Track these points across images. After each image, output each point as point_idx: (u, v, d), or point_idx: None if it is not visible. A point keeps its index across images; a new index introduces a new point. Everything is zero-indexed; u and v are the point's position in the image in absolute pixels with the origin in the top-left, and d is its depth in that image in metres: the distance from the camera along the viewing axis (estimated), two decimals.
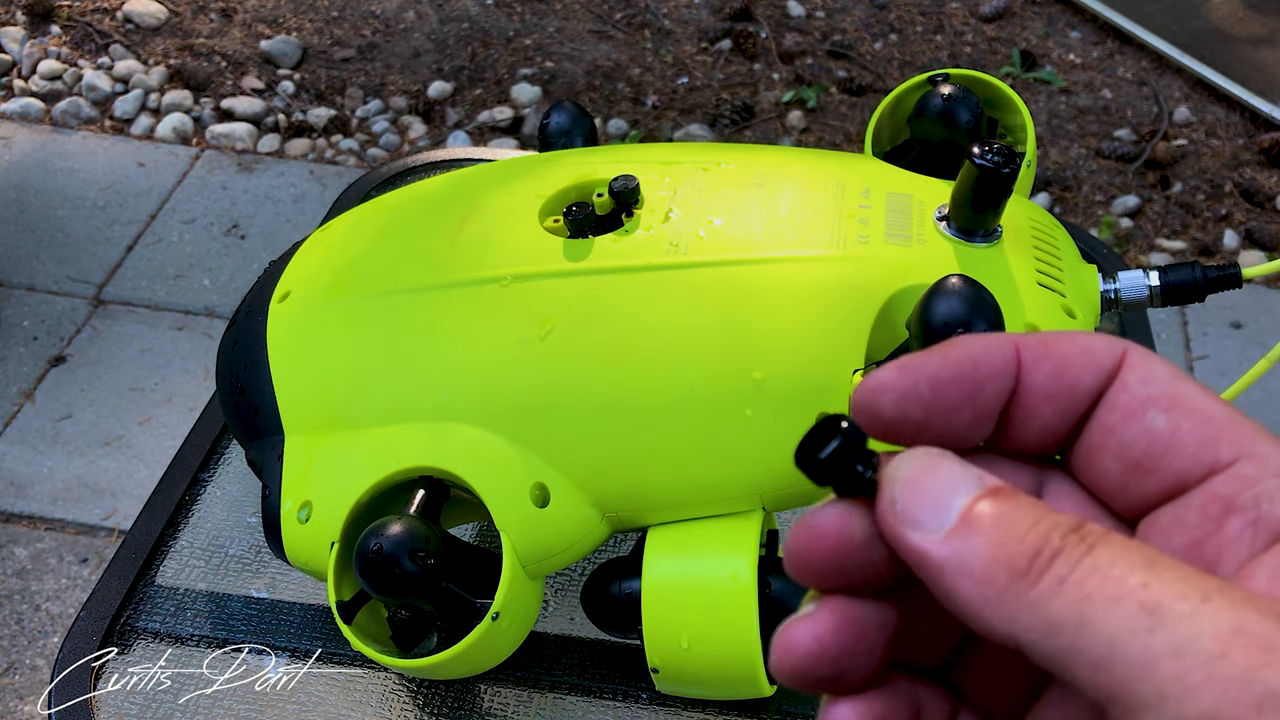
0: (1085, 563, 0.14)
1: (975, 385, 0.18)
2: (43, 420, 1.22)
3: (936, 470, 0.16)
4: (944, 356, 0.18)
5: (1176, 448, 0.17)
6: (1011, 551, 0.15)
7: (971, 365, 0.18)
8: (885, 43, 1.71)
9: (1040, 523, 0.15)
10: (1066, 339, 0.18)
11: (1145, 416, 0.17)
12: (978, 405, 0.18)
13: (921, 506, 0.16)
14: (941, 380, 0.17)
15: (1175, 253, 1.44)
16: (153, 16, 1.71)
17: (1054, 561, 0.14)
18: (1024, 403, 0.18)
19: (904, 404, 0.18)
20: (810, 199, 0.40)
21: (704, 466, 0.37)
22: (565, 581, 0.46)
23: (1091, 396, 0.18)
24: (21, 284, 1.36)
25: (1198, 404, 0.17)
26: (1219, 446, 0.16)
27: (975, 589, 0.15)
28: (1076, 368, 0.18)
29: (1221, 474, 0.16)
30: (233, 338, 0.44)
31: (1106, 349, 0.18)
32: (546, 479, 0.37)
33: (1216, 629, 0.13)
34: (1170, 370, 0.17)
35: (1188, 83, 1.65)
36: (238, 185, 1.49)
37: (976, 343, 0.18)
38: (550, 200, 0.42)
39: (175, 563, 0.47)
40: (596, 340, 0.38)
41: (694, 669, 0.37)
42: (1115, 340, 0.18)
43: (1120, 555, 0.14)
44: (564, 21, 1.74)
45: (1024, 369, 0.18)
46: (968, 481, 0.16)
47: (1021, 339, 0.18)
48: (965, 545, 0.15)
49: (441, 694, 0.43)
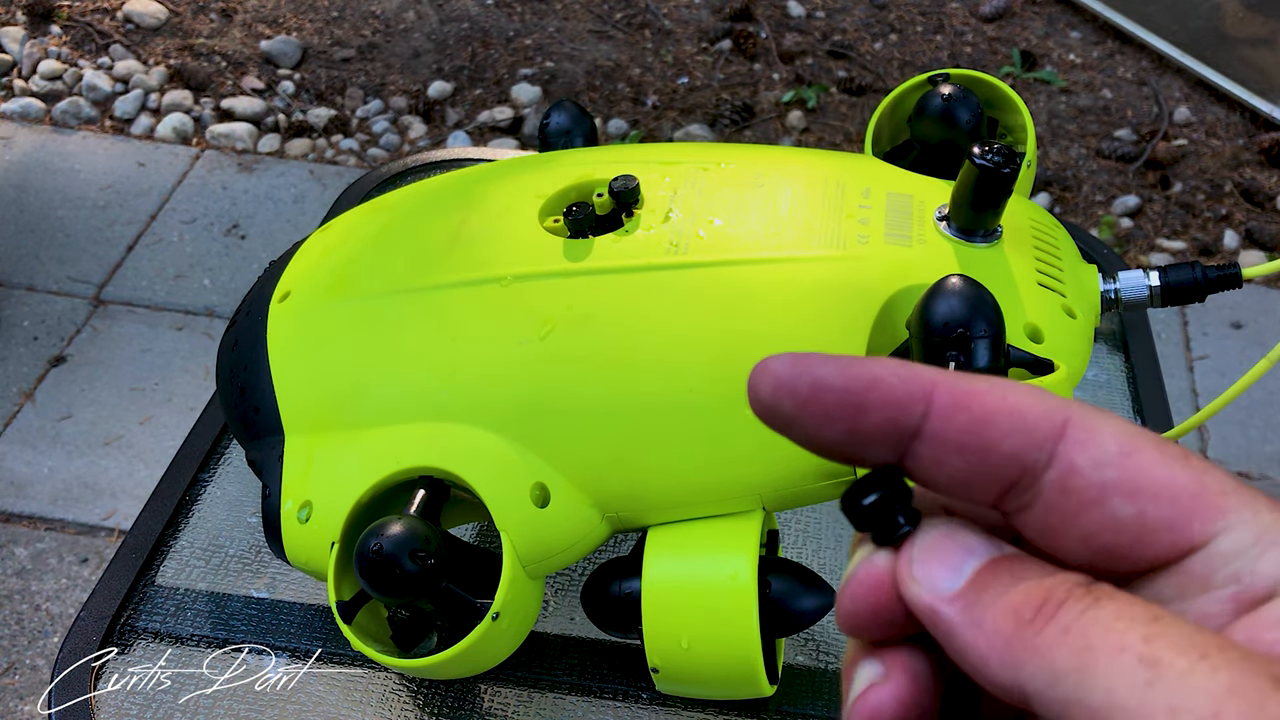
0: (1089, 614, 0.15)
1: (859, 405, 0.17)
2: (43, 420, 1.22)
3: (956, 536, 0.17)
4: (842, 367, 0.17)
5: (1146, 536, 0.16)
6: (1019, 602, 0.15)
7: (867, 386, 0.17)
8: (885, 43, 1.71)
9: (1050, 576, 0.16)
10: (998, 396, 0.17)
11: (1107, 505, 0.16)
12: (857, 428, 0.17)
13: (936, 568, 0.17)
14: (825, 386, 0.17)
15: (1175, 253, 1.44)
16: (153, 16, 1.72)
17: (1060, 611, 0.15)
18: (930, 446, 0.17)
19: (778, 393, 0.17)
20: (810, 199, 0.40)
21: (704, 467, 0.37)
22: (565, 581, 0.46)
23: (1015, 463, 0.17)
24: (22, 284, 1.36)
25: (1161, 481, 0.16)
26: (1191, 527, 0.16)
27: (983, 640, 0.15)
28: (999, 429, 0.17)
29: (1198, 553, 0.16)
30: (233, 338, 0.44)
31: (1042, 417, 0.16)
32: (547, 479, 0.37)
33: (1211, 687, 0.13)
34: (1121, 442, 0.16)
35: (1188, 83, 1.65)
36: (238, 185, 1.49)
37: (889, 367, 0.17)
38: (550, 200, 0.42)
39: (175, 563, 0.47)
40: (596, 340, 0.38)
41: (694, 669, 0.37)
42: (1056, 407, 0.17)
43: (1124, 609, 0.14)
44: (564, 21, 1.74)
45: (934, 413, 0.17)
46: (985, 548, 0.17)
47: (945, 381, 0.17)
48: (976, 600, 0.16)
49: (441, 694, 0.43)
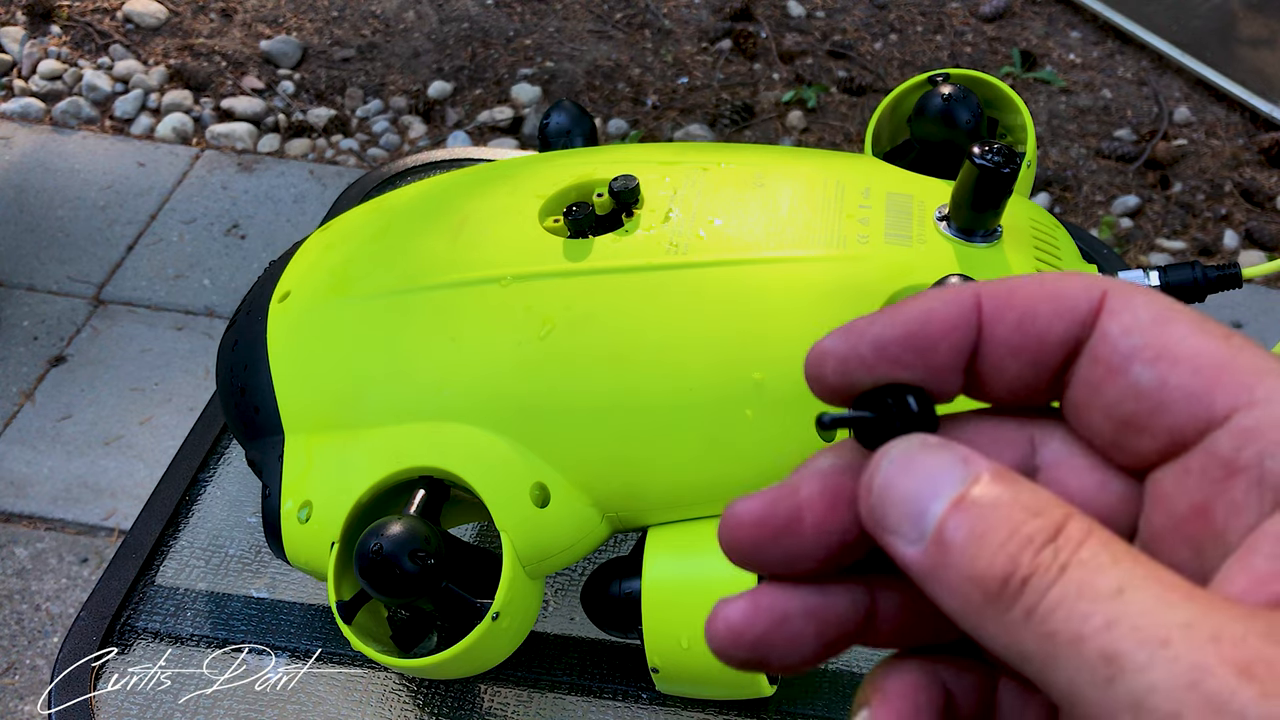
0: (1053, 593, 0.14)
1: (926, 344, 0.16)
2: (43, 420, 1.22)
3: (914, 467, 0.15)
4: (893, 316, 0.17)
5: (1166, 404, 0.15)
6: (983, 573, 0.14)
7: (922, 323, 0.16)
8: (885, 43, 1.71)
9: (1015, 535, 0.14)
10: (1036, 284, 0.16)
11: (1130, 372, 0.15)
12: (932, 364, 0.17)
13: (898, 512, 0.15)
14: (886, 342, 0.16)
15: (1175, 252, 1.44)
16: (153, 16, 1.71)
17: (1023, 590, 0.14)
18: (988, 357, 0.17)
19: (846, 368, 0.17)
20: (810, 199, 0.40)
21: (704, 467, 0.37)
22: (565, 581, 0.46)
23: (1065, 347, 0.16)
24: (21, 284, 1.36)
25: (1187, 350, 0.15)
26: (1212, 399, 0.15)
27: (954, 602, 0.15)
28: (1045, 317, 0.16)
29: (1219, 429, 0.15)
30: (233, 338, 0.44)
31: (1081, 293, 0.16)
32: (546, 479, 0.37)
33: (1171, 683, 0.13)
34: (1156, 312, 0.16)
35: (1188, 83, 1.65)
36: (238, 185, 1.49)
37: (933, 298, 0.17)
38: (550, 200, 0.42)
39: (175, 563, 0.47)
40: (596, 340, 0.38)
41: (694, 669, 0.37)
42: (1093, 280, 0.16)
43: (1089, 580, 0.13)
44: (564, 21, 1.74)
45: (985, 322, 0.17)
46: (948, 479, 0.15)
47: (986, 288, 0.17)
48: (941, 561, 0.15)
49: (441, 694, 0.43)
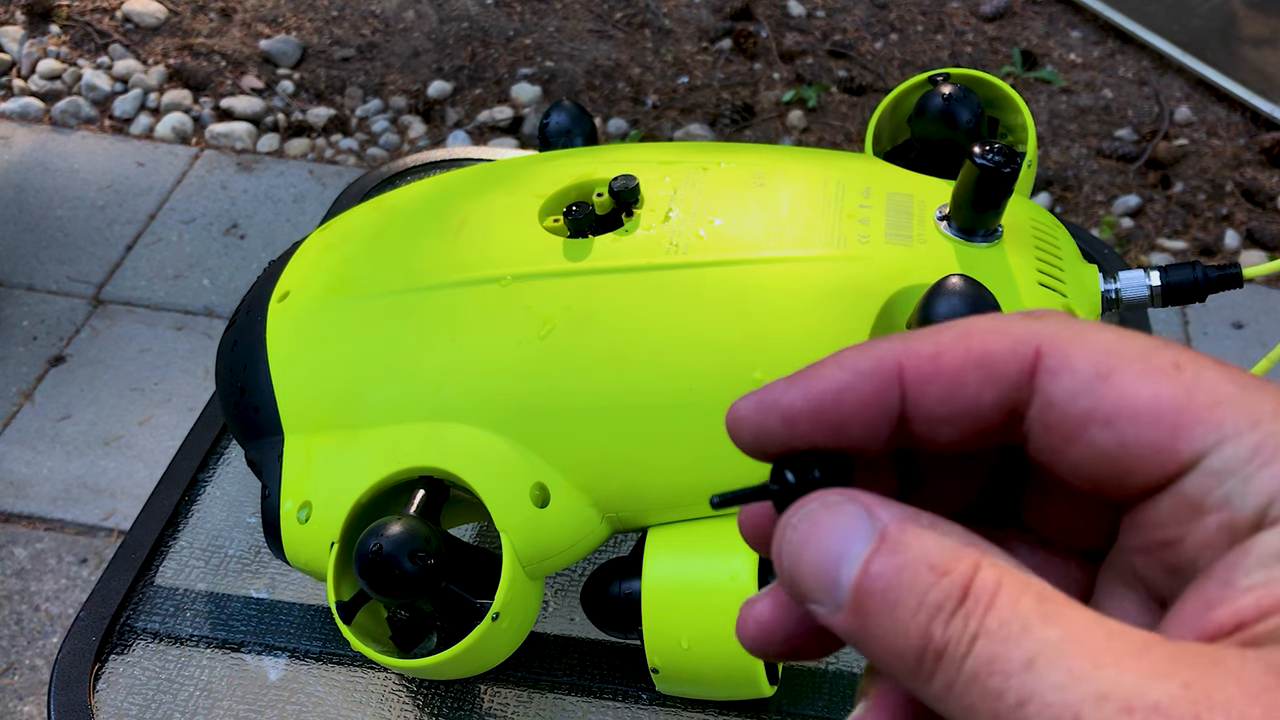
0: (966, 668, 0.13)
1: (837, 421, 0.16)
2: (42, 420, 1.21)
3: (819, 532, 0.15)
4: (806, 388, 0.16)
5: (1131, 463, 0.15)
6: (900, 646, 0.14)
7: (835, 399, 0.16)
8: (886, 42, 1.71)
9: (923, 605, 0.14)
10: (961, 348, 0.16)
11: (1086, 437, 0.15)
12: (846, 439, 0.16)
13: (811, 582, 0.15)
14: (795, 417, 0.16)
15: (1176, 252, 1.44)
16: (152, 16, 1.71)
17: (939, 665, 0.14)
18: (918, 424, 0.16)
19: (759, 438, 0.17)
20: (810, 199, 0.40)
21: (704, 467, 0.37)
22: (565, 582, 0.46)
23: (1002, 412, 0.16)
24: (21, 284, 1.36)
25: (1140, 401, 0.15)
26: (1176, 449, 0.14)
27: (883, 668, 0.14)
28: (973, 386, 0.16)
29: (1188, 474, 0.14)
30: (232, 338, 0.44)
31: (1010, 356, 0.15)
32: (546, 479, 0.37)
33: None
34: (1096, 362, 0.15)
35: (1189, 82, 1.65)
36: (237, 185, 1.49)
37: (850, 368, 0.16)
38: (550, 200, 0.42)
39: (175, 563, 0.47)
40: (596, 340, 0.38)
41: (694, 669, 0.37)
42: (1023, 338, 0.15)
43: (1000, 654, 0.13)
44: (564, 21, 1.74)
45: (909, 394, 0.16)
46: (855, 538, 0.15)
47: (908, 355, 0.16)
48: (862, 628, 0.14)
49: (441, 694, 0.43)
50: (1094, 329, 0.15)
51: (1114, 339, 0.15)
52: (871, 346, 0.16)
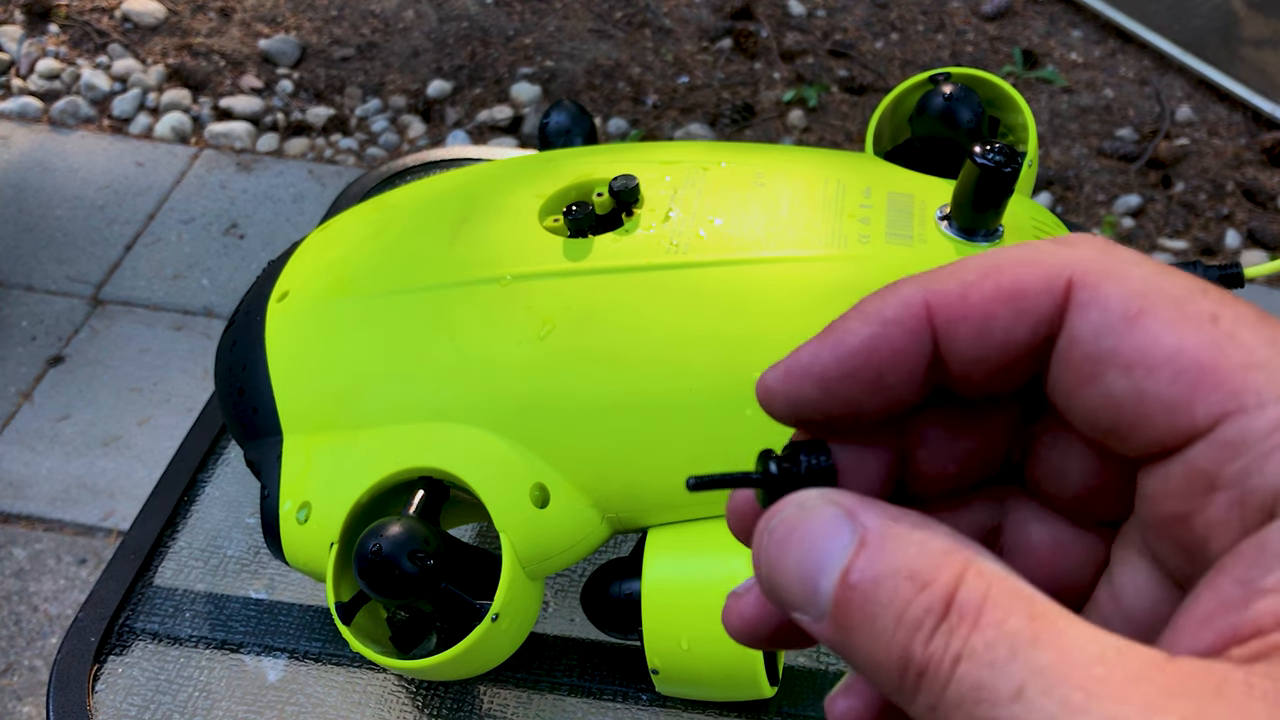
0: (950, 693, 0.13)
1: (874, 377, 0.15)
2: (41, 420, 1.21)
3: (797, 539, 0.14)
4: (835, 349, 0.15)
5: (1145, 416, 0.14)
6: (882, 661, 0.13)
7: (867, 354, 0.15)
8: (886, 42, 1.71)
9: (903, 621, 0.13)
10: (991, 283, 0.15)
11: (1104, 380, 0.14)
12: (882, 394, 0.15)
13: (792, 592, 0.14)
14: (831, 380, 0.16)
15: (1177, 252, 1.43)
16: (151, 15, 1.71)
17: (920, 684, 0.13)
18: (949, 366, 0.15)
19: (794, 407, 0.16)
20: (811, 198, 0.40)
21: (705, 467, 0.37)
22: (565, 582, 0.46)
23: (1034, 349, 0.15)
24: (20, 284, 1.36)
25: (1165, 350, 0.13)
26: (1193, 409, 0.13)
27: (869, 679, 0.14)
28: (1004, 321, 0.15)
29: (1201, 440, 0.13)
30: (231, 338, 0.44)
31: (1042, 288, 0.14)
32: (546, 479, 0.37)
33: None
34: (1128, 301, 0.14)
35: (1190, 82, 1.65)
36: (236, 185, 1.49)
37: (876, 318, 0.15)
38: (550, 200, 0.42)
39: (174, 563, 0.47)
40: (596, 340, 0.38)
41: (694, 670, 0.37)
42: (1054, 269, 0.14)
43: (986, 681, 0.12)
44: (564, 20, 1.73)
45: (940, 335, 0.15)
46: (835, 545, 0.14)
47: (935, 294, 0.15)
48: (845, 640, 0.14)
49: (441, 695, 0.43)
50: (1133, 261, 0.14)
51: (1152, 276, 0.14)
52: (894, 292, 0.15)
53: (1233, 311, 0.14)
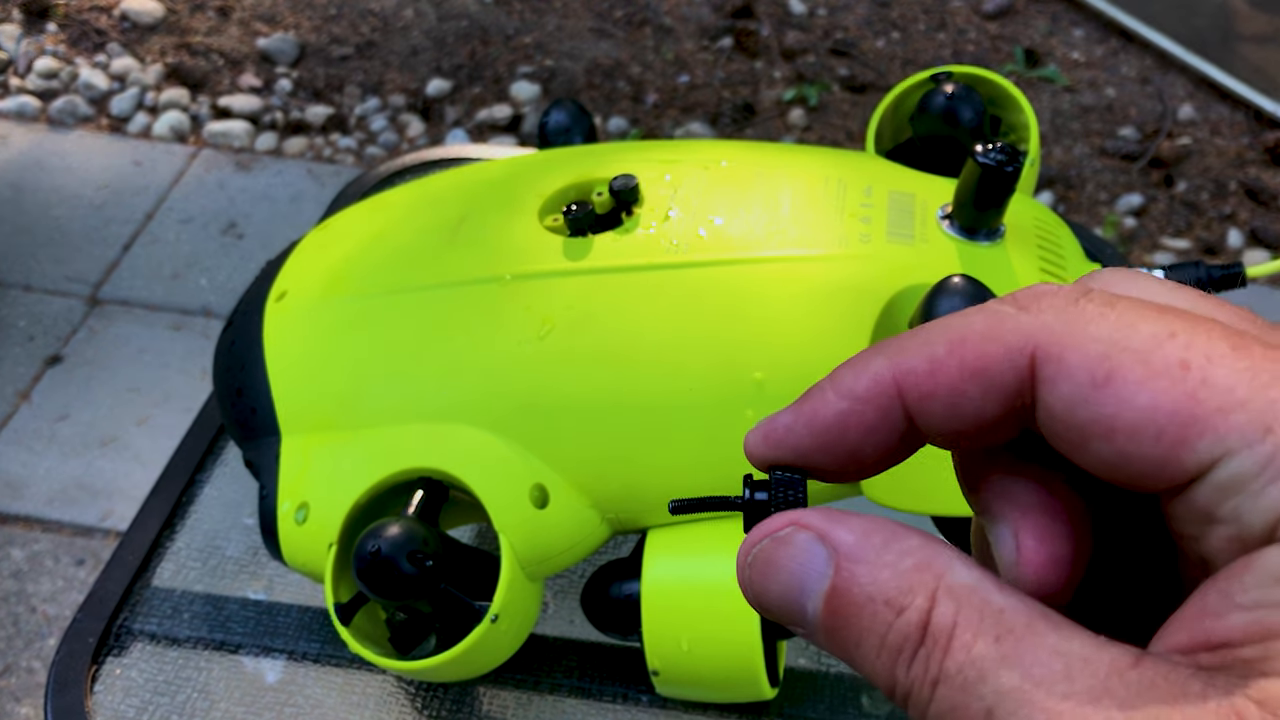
0: (931, 713, 0.14)
1: (849, 448, 0.16)
2: (39, 421, 1.21)
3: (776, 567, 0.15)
4: (810, 423, 0.16)
5: (1138, 474, 0.14)
6: (875, 679, 0.15)
7: (840, 430, 0.16)
8: (887, 40, 1.71)
9: (884, 647, 0.14)
10: (955, 359, 0.15)
11: (1090, 449, 0.14)
12: (860, 460, 0.16)
13: (781, 613, 0.16)
14: (806, 451, 0.16)
15: (1179, 252, 1.43)
16: (150, 14, 1.71)
17: (907, 704, 0.14)
18: (928, 436, 0.16)
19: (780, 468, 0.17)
20: (812, 197, 0.40)
21: (705, 467, 0.37)
22: (565, 583, 0.46)
23: (1010, 417, 0.15)
24: (18, 283, 1.36)
25: (1141, 411, 0.14)
26: (1182, 462, 0.14)
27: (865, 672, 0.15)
28: (974, 399, 0.15)
29: (1197, 485, 0.14)
30: (229, 338, 0.44)
31: (1006, 364, 0.15)
32: (546, 480, 0.37)
33: None
34: (1093, 370, 0.14)
35: (1192, 81, 1.64)
36: (235, 184, 1.49)
37: (848, 396, 0.16)
38: (550, 199, 0.42)
39: (172, 564, 0.47)
40: (596, 340, 0.37)
41: (694, 671, 0.37)
42: (1016, 343, 0.15)
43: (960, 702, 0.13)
44: (564, 19, 1.73)
45: (912, 411, 0.16)
46: (812, 571, 0.15)
47: (902, 373, 0.16)
48: (839, 655, 0.15)
49: (440, 697, 0.42)
50: (1094, 318, 0.14)
51: (1114, 332, 0.14)
52: (865, 366, 0.16)
53: (1204, 351, 0.14)
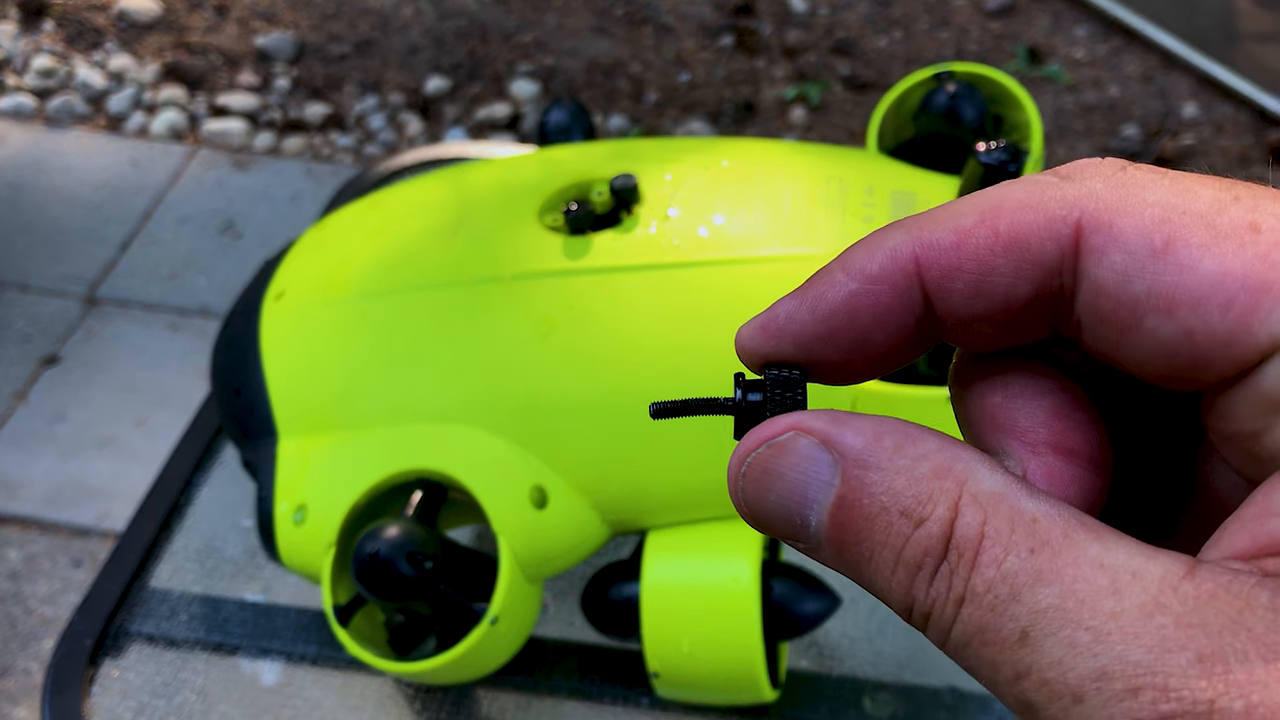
0: (955, 633, 0.12)
1: (857, 335, 0.14)
2: (36, 421, 1.21)
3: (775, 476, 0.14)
4: (814, 308, 0.14)
5: (1200, 354, 0.12)
6: (888, 596, 0.13)
7: (849, 315, 0.14)
8: (889, 39, 1.70)
9: (901, 561, 0.12)
10: (989, 231, 0.13)
11: (1144, 327, 0.12)
12: (868, 352, 0.14)
13: (779, 526, 0.14)
14: (808, 339, 0.14)
15: None
16: (147, 12, 1.71)
17: (927, 624, 0.13)
18: (945, 323, 0.14)
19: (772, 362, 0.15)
20: (813, 196, 0.40)
21: (705, 468, 0.37)
22: (565, 585, 0.46)
23: (1044, 303, 0.13)
24: (14, 283, 1.35)
25: (1206, 280, 0.12)
26: (1253, 335, 0.12)
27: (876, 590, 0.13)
28: (1006, 276, 0.13)
29: (1267, 363, 0.12)
30: (227, 338, 0.43)
31: (1046, 234, 0.13)
32: (545, 481, 0.37)
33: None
34: (1150, 237, 0.12)
35: (1195, 80, 1.64)
36: (233, 183, 1.48)
37: (859, 276, 0.14)
38: (550, 198, 0.42)
39: (169, 565, 0.47)
40: (596, 340, 0.37)
41: (695, 674, 0.37)
42: (1059, 212, 0.13)
43: (990, 623, 0.12)
44: (563, 17, 1.73)
45: (931, 292, 0.14)
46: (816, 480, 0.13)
47: (924, 246, 0.14)
48: (851, 573, 0.13)
49: (439, 699, 0.42)
50: (1147, 184, 0.13)
51: (1172, 196, 0.12)
52: (880, 242, 0.14)
53: (1273, 212, 0.12)
